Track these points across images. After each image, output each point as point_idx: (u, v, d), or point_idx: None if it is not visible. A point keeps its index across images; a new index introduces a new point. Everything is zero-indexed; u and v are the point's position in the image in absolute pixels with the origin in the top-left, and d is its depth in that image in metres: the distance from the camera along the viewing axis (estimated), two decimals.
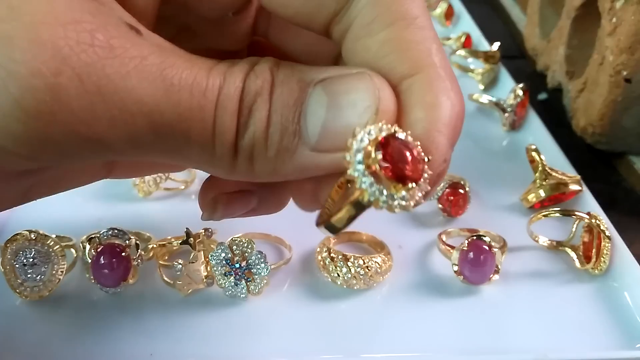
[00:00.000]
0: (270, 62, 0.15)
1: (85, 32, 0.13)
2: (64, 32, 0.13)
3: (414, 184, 0.14)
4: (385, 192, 0.13)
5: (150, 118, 0.14)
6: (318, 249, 0.26)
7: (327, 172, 0.15)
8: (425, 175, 0.14)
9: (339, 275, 0.24)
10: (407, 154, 0.14)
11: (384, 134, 0.13)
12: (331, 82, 0.15)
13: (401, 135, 0.14)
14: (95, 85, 0.13)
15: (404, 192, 0.13)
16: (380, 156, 0.13)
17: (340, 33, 0.16)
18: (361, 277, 0.24)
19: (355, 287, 0.25)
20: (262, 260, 0.24)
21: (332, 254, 0.25)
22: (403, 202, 0.13)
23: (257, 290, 0.24)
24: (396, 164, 0.13)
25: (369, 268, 0.24)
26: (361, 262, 0.24)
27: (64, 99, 0.13)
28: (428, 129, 0.14)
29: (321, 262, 0.25)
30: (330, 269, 0.25)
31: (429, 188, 0.14)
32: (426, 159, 0.14)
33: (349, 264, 0.24)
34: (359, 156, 0.13)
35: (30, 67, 0.12)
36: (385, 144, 0.13)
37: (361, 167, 0.13)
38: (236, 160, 0.15)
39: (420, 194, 0.14)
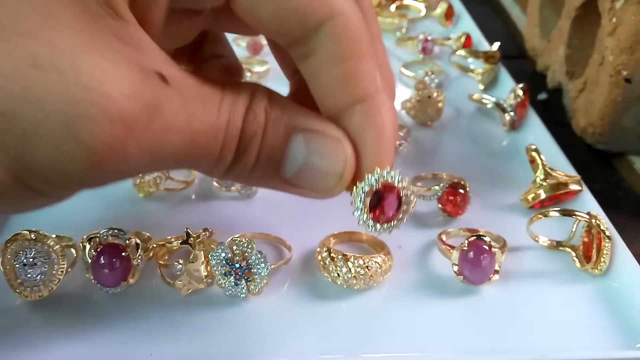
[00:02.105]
0: (265, 101, 0.18)
1: (141, 101, 0.15)
2: (127, 104, 0.15)
3: (383, 222, 0.20)
4: (371, 225, 0.20)
5: (177, 158, 0.17)
6: (318, 249, 0.26)
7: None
8: (400, 214, 0.20)
9: (339, 275, 0.24)
10: (388, 205, 0.20)
11: (377, 185, 0.19)
12: (312, 138, 0.19)
13: (394, 177, 0.19)
14: (147, 142, 0.16)
15: (383, 226, 0.20)
16: (368, 206, 0.19)
17: (300, 54, 0.19)
18: (361, 277, 0.24)
19: (356, 287, 0.25)
20: (262, 260, 0.24)
21: (332, 254, 0.25)
22: (381, 231, 0.20)
23: (257, 290, 0.24)
24: (378, 216, 0.20)
25: (369, 268, 0.24)
26: (361, 262, 0.24)
27: (123, 153, 0.15)
28: (379, 148, 0.19)
29: (321, 262, 0.25)
30: (331, 268, 0.25)
31: (397, 222, 0.20)
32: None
33: (349, 263, 0.24)
34: (359, 202, 0.19)
35: (103, 134, 0.15)
36: (378, 192, 0.19)
37: (359, 206, 0.19)
38: (226, 176, 0.19)
39: (394, 223, 0.20)
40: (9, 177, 0.15)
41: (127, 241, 0.24)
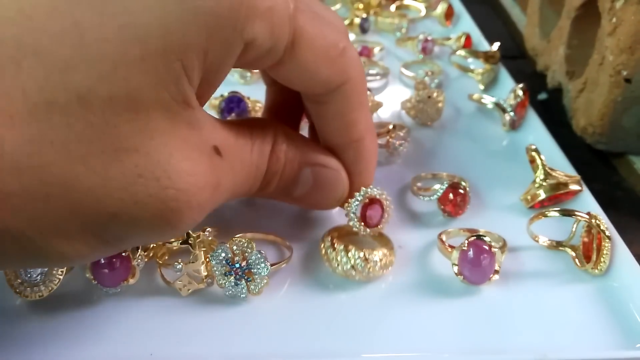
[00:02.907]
0: (284, 144, 0.24)
1: (210, 187, 0.20)
2: (202, 195, 0.20)
3: (371, 227, 0.27)
4: (362, 229, 0.26)
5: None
6: (323, 238, 0.26)
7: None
8: (383, 219, 0.27)
9: (338, 265, 0.25)
10: (374, 214, 0.26)
11: (364, 199, 0.26)
12: (318, 170, 0.25)
13: (376, 192, 0.26)
14: (210, 209, 0.21)
15: (369, 230, 0.27)
16: (359, 214, 0.26)
17: (314, 103, 0.24)
18: (360, 269, 0.25)
19: (356, 279, 0.25)
20: (262, 260, 0.24)
21: (335, 244, 0.25)
22: (371, 233, 0.27)
23: (257, 290, 0.24)
24: (367, 221, 0.26)
25: (368, 261, 0.25)
26: (362, 254, 0.25)
27: (195, 223, 0.20)
28: (366, 174, 0.26)
29: (323, 251, 0.26)
30: (331, 258, 0.25)
31: (382, 224, 0.27)
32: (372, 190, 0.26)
33: (350, 254, 0.25)
34: (352, 215, 0.26)
35: (186, 218, 0.19)
36: (367, 205, 0.26)
37: (352, 217, 0.26)
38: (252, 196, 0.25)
39: (380, 226, 0.27)
40: (99, 253, 0.20)
41: None
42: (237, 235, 0.26)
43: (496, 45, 0.45)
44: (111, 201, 0.17)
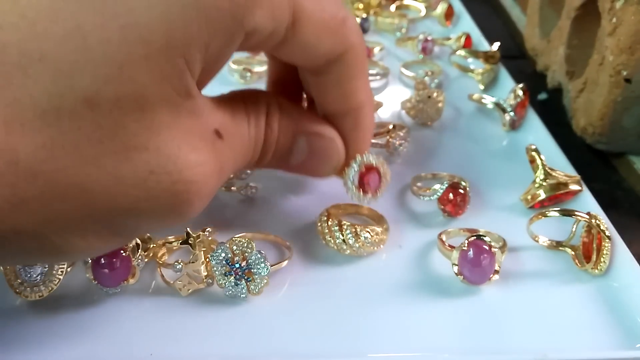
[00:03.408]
0: (277, 114, 0.24)
1: (216, 175, 0.21)
2: (209, 184, 0.20)
3: (371, 194, 0.27)
4: (361, 197, 0.26)
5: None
6: (320, 214, 0.27)
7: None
8: (382, 186, 0.27)
9: (331, 238, 0.26)
10: (372, 181, 0.26)
11: (362, 168, 0.26)
12: (313, 138, 0.25)
13: (372, 159, 0.26)
14: (215, 192, 0.21)
15: (367, 198, 0.27)
16: (357, 182, 0.26)
17: (313, 73, 0.24)
18: (351, 243, 0.26)
19: (347, 253, 0.26)
20: (262, 260, 0.24)
21: (329, 220, 0.26)
22: (370, 201, 0.27)
23: (257, 290, 0.24)
24: (364, 187, 0.26)
25: (359, 236, 0.26)
26: (353, 230, 0.26)
27: (202, 208, 0.21)
28: (363, 142, 0.26)
29: (319, 226, 0.27)
30: (325, 232, 0.26)
31: (380, 191, 0.27)
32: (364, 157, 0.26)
33: (342, 229, 0.26)
34: (349, 183, 0.26)
35: (196, 207, 0.20)
36: (364, 172, 0.26)
37: (350, 186, 0.26)
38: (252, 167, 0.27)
39: (378, 193, 0.27)
40: (111, 245, 0.20)
41: None
42: (237, 235, 0.26)
43: (496, 45, 0.45)
44: (124, 198, 0.18)
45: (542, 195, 0.30)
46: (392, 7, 0.56)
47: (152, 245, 0.26)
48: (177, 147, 0.18)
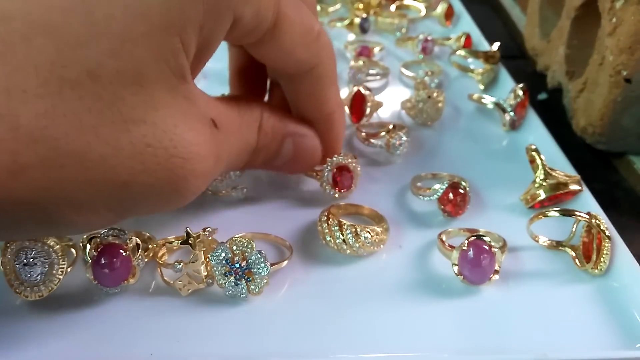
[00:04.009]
0: (270, 121, 0.26)
1: (213, 157, 0.21)
2: (205, 163, 0.21)
3: (344, 190, 0.30)
4: (335, 193, 0.30)
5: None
6: (320, 214, 0.27)
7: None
8: (354, 181, 0.30)
9: (331, 238, 0.26)
10: (344, 179, 0.30)
11: (334, 169, 0.29)
12: (298, 140, 0.27)
13: (342, 159, 0.29)
14: (211, 179, 0.22)
15: (337, 193, 0.30)
16: (331, 181, 0.29)
17: (287, 81, 0.27)
18: (351, 243, 0.26)
19: (347, 253, 0.26)
20: (262, 260, 0.24)
21: (329, 220, 0.26)
22: (343, 196, 0.30)
23: (257, 290, 0.24)
24: (338, 184, 0.30)
25: (359, 237, 0.26)
26: (353, 230, 0.26)
27: (199, 191, 0.22)
28: (336, 144, 0.29)
29: (319, 226, 0.27)
30: (325, 232, 0.26)
31: (353, 185, 0.30)
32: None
33: (342, 229, 0.26)
34: (324, 184, 0.30)
35: (193, 186, 0.21)
36: (338, 171, 0.29)
37: (325, 185, 0.30)
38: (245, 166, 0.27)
39: (351, 189, 0.30)
40: (105, 221, 0.20)
41: (128, 241, 0.24)
42: (237, 235, 0.26)
43: (496, 45, 0.45)
44: (122, 169, 0.18)
45: (542, 195, 0.30)
46: (392, 7, 0.56)
47: (152, 245, 0.26)
48: (174, 124, 0.19)
